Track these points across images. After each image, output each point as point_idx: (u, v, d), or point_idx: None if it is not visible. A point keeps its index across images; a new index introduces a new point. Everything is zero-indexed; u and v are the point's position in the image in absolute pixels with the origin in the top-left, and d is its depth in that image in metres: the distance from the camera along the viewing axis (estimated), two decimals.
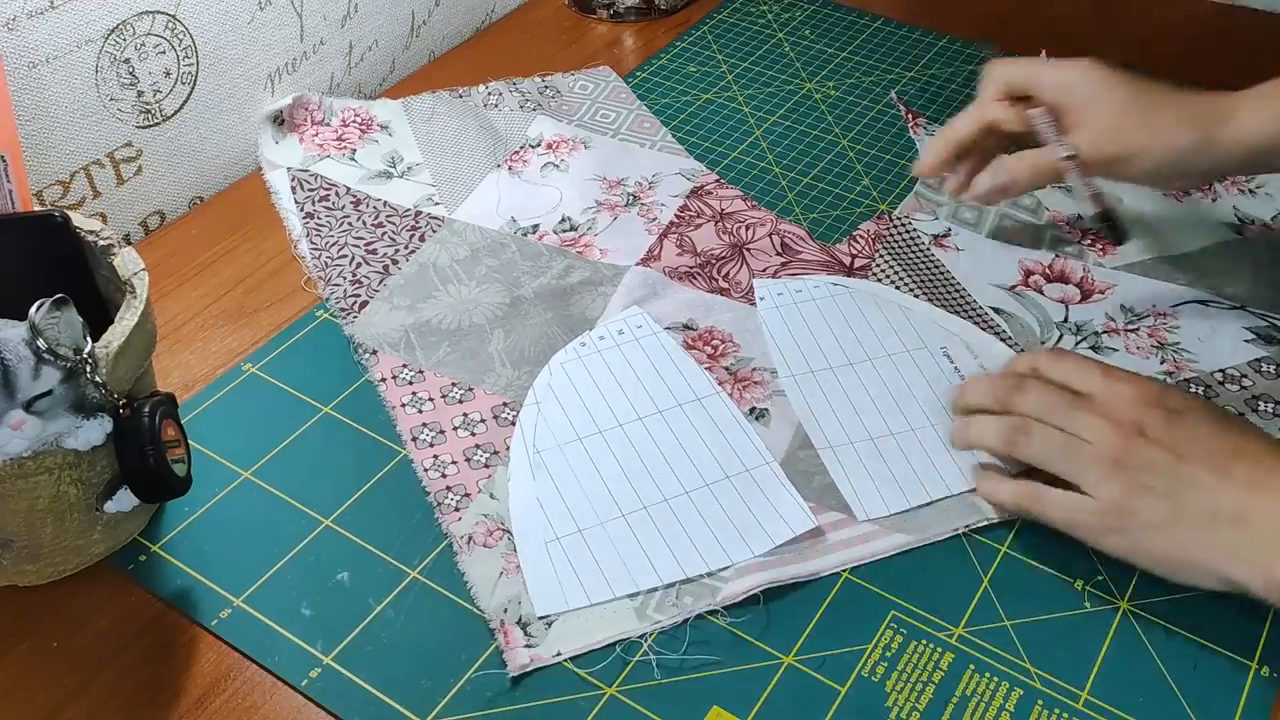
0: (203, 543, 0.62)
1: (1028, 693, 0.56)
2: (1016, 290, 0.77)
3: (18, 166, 0.62)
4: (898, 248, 0.81)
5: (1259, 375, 0.71)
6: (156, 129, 0.83)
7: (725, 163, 0.90)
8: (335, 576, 0.60)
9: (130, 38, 0.78)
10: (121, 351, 0.56)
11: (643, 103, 0.96)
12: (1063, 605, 0.59)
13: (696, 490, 0.64)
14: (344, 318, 0.75)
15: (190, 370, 0.73)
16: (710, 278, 0.78)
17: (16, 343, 0.51)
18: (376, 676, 0.56)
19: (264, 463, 0.66)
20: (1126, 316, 0.75)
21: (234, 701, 0.56)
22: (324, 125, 0.92)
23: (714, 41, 1.05)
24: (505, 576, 0.60)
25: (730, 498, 0.63)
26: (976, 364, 0.71)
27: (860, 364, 0.72)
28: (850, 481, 0.64)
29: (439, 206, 0.84)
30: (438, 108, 0.94)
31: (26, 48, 0.73)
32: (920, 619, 0.59)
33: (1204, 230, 0.82)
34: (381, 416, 0.69)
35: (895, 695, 0.55)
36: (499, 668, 0.56)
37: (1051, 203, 0.85)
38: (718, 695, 0.55)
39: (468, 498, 0.64)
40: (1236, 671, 0.56)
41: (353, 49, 0.97)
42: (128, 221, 0.85)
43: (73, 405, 0.53)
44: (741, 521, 0.62)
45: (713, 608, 0.58)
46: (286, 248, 0.82)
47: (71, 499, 0.56)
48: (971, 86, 0.98)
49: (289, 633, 0.58)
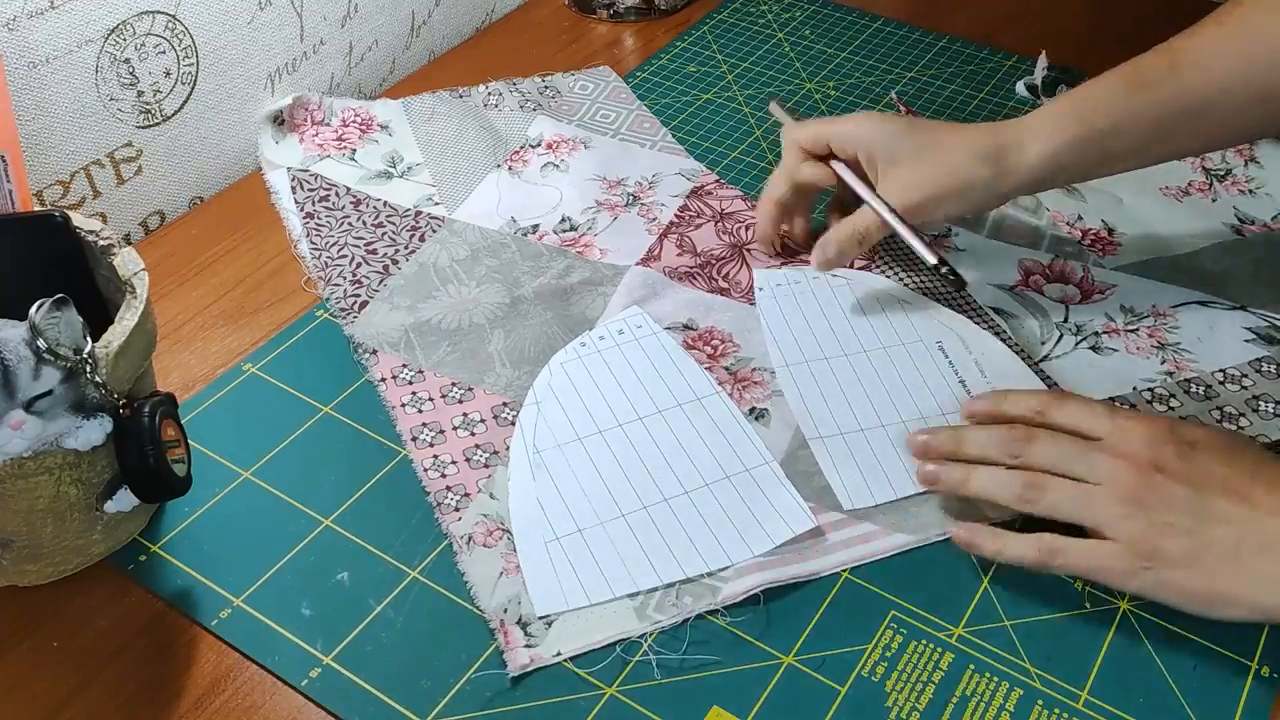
0: (203, 543, 0.62)
1: (1028, 693, 0.56)
2: (1016, 290, 0.77)
3: (18, 166, 0.62)
4: (898, 248, 0.81)
5: (1259, 375, 0.71)
6: (156, 129, 0.83)
7: (725, 163, 0.90)
8: (335, 576, 0.60)
9: (130, 38, 0.78)
10: (121, 351, 0.56)
11: (643, 103, 0.96)
12: (1063, 605, 0.59)
13: (696, 490, 0.64)
14: (344, 318, 0.75)
15: (190, 370, 0.73)
16: (710, 278, 0.78)
17: (16, 343, 0.51)
18: (376, 676, 0.56)
19: (264, 463, 0.66)
20: (1126, 317, 0.75)
21: (234, 701, 0.56)
22: (324, 125, 0.92)
23: (714, 41, 1.05)
24: (505, 576, 0.60)
25: (730, 498, 0.63)
26: (972, 359, 0.71)
27: (854, 355, 0.72)
28: (838, 472, 0.64)
29: (439, 206, 0.84)
30: (438, 108, 0.94)
31: (26, 48, 0.73)
32: (920, 619, 0.59)
33: (1204, 230, 0.82)
34: (381, 416, 0.69)
35: (895, 695, 0.55)
36: (499, 668, 0.56)
37: (1051, 203, 0.85)
38: (718, 695, 0.55)
39: (467, 497, 0.64)
40: (1236, 671, 0.56)
41: (353, 49, 0.97)
42: (128, 221, 0.85)
43: (73, 405, 0.53)
44: (741, 521, 0.62)
45: (713, 608, 0.58)
46: (286, 248, 0.82)
47: (71, 499, 0.56)
48: (972, 86, 0.98)
49: (289, 633, 0.58)
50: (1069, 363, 0.72)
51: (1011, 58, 1.02)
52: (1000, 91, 0.98)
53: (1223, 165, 0.87)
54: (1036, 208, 0.84)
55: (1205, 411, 0.68)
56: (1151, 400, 0.69)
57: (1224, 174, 0.87)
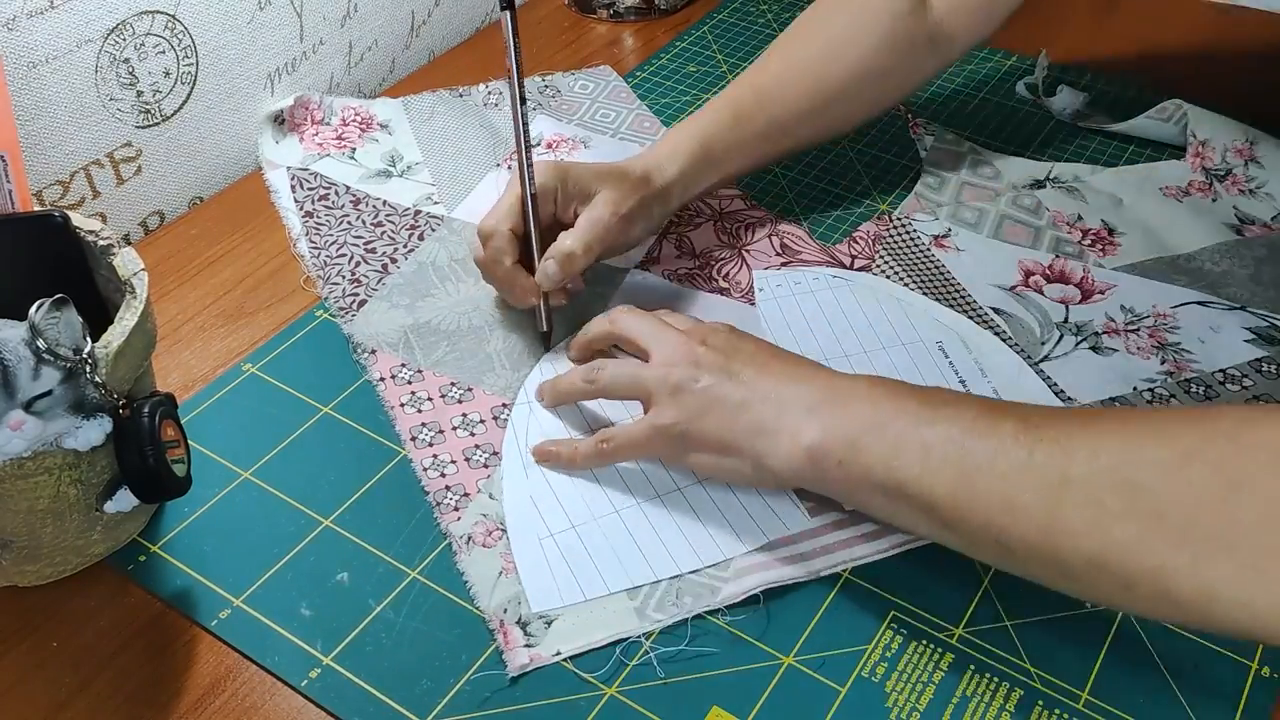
0: (203, 543, 0.62)
1: (1028, 693, 0.56)
2: (1016, 290, 0.77)
3: (18, 166, 0.62)
4: (898, 248, 0.81)
5: (1259, 375, 0.71)
6: (156, 129, 0.83)
7: None
8: (335, 576, 0.60)
9: (130, 38, 0.78)
10: (121, 351, 0.56)
11: (643, 102, 0.96)
12: (1063, 605, 0.59)
13: (689, 487, 0.64)
14: (343, 316, 0.75)
15: (190, 370, 0.73)
16: (710, 278, 0.78)
17: (16, 343, 0.51)
18: (376, 676, 0.56)
19: (264, 463, 0.66)
20: (1127, 317, 0.75)
21: (234, 701, 0.56)
22: (324, 124, 0.92)
23: (714, 41, 1.05)
24: (504, 576, 0.60)
25: (724, 495, 0.63)
26: (972, 359, 0.71)
27: (855, 357, 0.72)
28: None
29: (438, 205, 0.84)
30: (438, 107, 0.94)
31: (26, 48, 0.72)
32: (920, 619, 0.59)
33: (1204, 230, 0.82)
34: (381, 416, 0.69)
35: (895, 695, 0.55)
36: (499, 668, 0.56)
37: (1051, 203, 0.85)
38: (718, 695, 0.55)
39: (467, 497, 0.64)
40: (1236, 671, 0.56)
41: (352, 49, 0.97)
42: (127, 221, 0.85)
43: (72, 405, 0.53)
44: (736, 517, 0.62)
45: (713, 608, 0.58)
46: (286, 247, 0.82)
47: (71, 499, 0.56)
48: (972, 87, 0.98)
49: (289, 633, 0.58)
50: (1069, 363, 0.72)
51: (1011, 58, 1.02)
52: (1000, 91, 0.98)
53: (1223, 165, 0.87)
54: (1037, 208, 0.84)
55: None
56: (1152, 400, 0.69)
57: (1224, 174, 0.86)
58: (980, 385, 0.69)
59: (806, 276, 0.78)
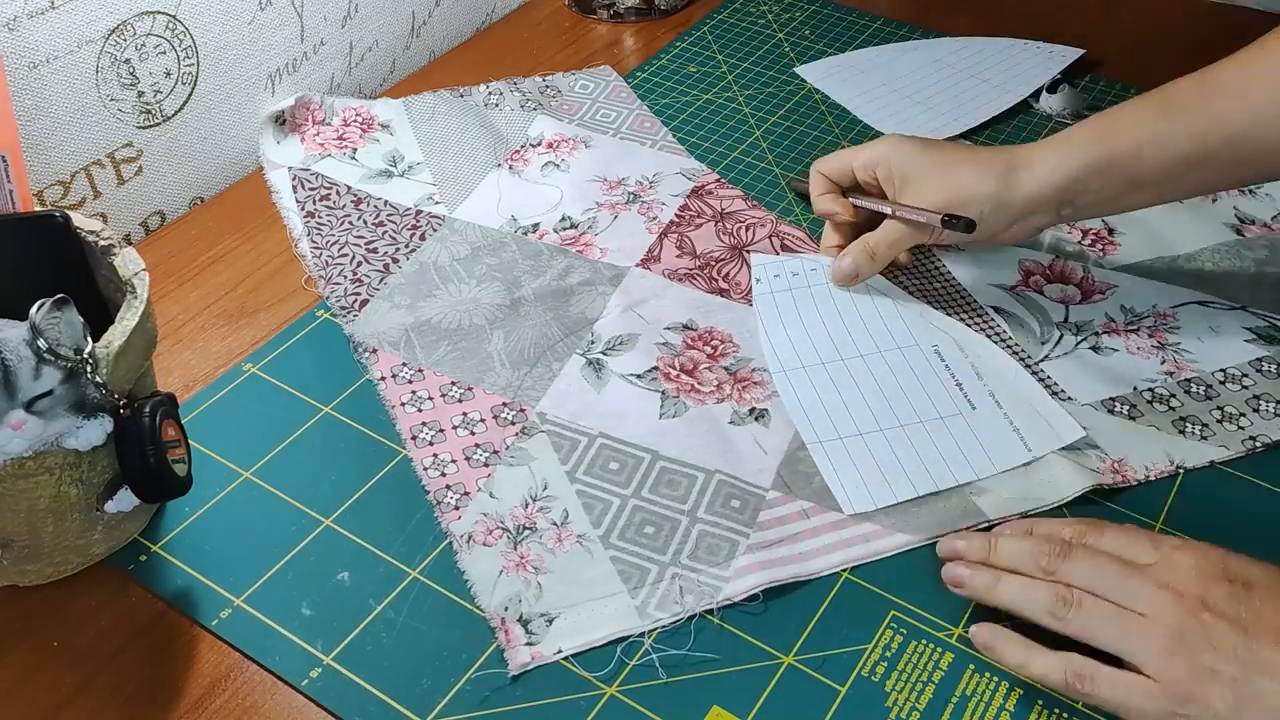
0: (203, 543, 0.62)
1: (1028, 693, 0.56)
2: (1017, 290, 0.77)
3: (18, 166, 0.62)
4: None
5: (1260, 375, 0.71)
6: (157, 129, 0.83)
7: (725, 163, 0.90)
8: (335, 576, 0.60)
9: (131, 38, 0.78)
10: (122, 351, 0.56)
11: (643, 103, 0.96)
12: None
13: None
14: (344, 316, 0.75)
15: (190, 370, 0.73)
16: (710, 278, 0.78)
17: (17, 343, 0.51)
18: (376, 676, 0.56)
19: (264, 463, 0.66)
20: (1127, 317, 0.75)
21: (234, 701, 0.56)
22: (325, 125, 0.92)
23: (714, 41, 1.05)
24: (505, 575, 0.60)
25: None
26: (967, 362, 0.71)
27: (851, 359, 0.72)
28: (838, 476, 0.64)
29: (439, 205, 0.84)
30: (438, 107, 0.94)
31: (27, 48, 0.73)
32: (920, 619, 0.59)
33: (1204, 230, 0.82)
34: (382, 416, 0.69)
35: (895, 695, 0.55)
36: (499, 667, 0.56)
37: None
38: (718, 695, 0.55)
39: (467, 496, 0.64)
40: None
41: (353, 49, 0.97)
42: (128, 222, 0.85)
43: (73, 405, 0.53)
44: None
45: (712, 607, 0.59)
46: (287, 247, 0.82)
47: (72, 499, 0.57)
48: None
49: (289, 633, 0.58)
50: (1069, 363, 0.72)
51: None
52: None
53: None
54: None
55: (1206, 411, 0.68)
56: (1152, 400, 0.69)
57: None
58: (976, 388, 0.69)
59: (804, 265, 0.78)
